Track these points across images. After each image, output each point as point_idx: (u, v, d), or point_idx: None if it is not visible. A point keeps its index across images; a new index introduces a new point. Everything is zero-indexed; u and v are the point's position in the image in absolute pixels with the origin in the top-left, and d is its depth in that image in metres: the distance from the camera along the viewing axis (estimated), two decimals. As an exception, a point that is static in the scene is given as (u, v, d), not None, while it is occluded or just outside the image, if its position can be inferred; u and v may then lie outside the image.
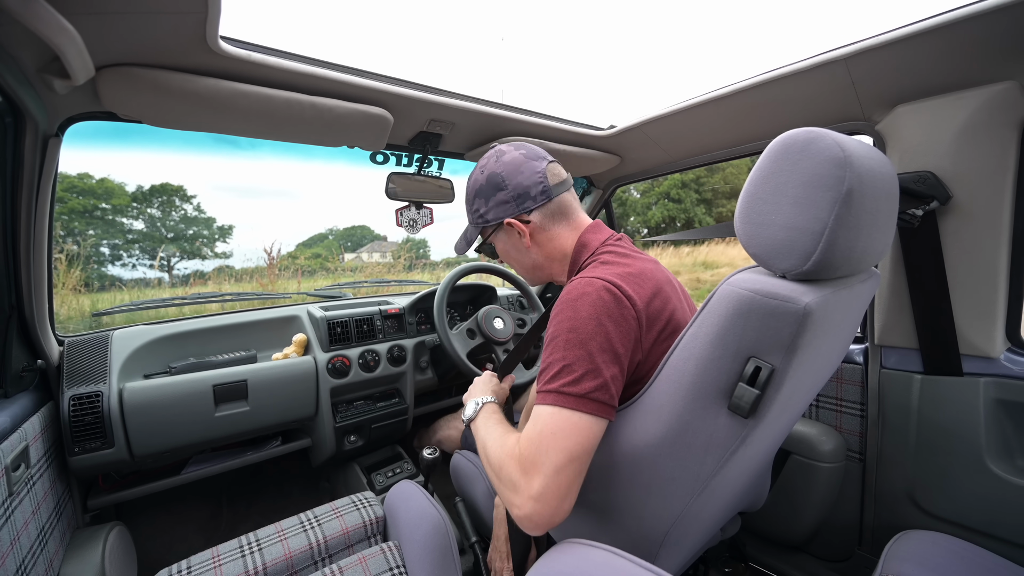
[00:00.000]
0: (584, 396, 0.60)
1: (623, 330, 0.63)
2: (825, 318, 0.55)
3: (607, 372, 0.61)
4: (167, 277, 8.65)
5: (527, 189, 0.79)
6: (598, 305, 0.63)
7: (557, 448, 0.59)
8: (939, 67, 0.87)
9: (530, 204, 0.79)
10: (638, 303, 0.65)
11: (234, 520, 1.50)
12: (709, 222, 17.48)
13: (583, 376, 0.60)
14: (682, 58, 74.83)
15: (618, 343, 0.62)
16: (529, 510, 0.59)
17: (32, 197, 0.84)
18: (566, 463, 0.58)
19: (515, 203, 0.79)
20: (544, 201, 0.79)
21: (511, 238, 0.83)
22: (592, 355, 0.61)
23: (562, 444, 0.59)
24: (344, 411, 1.37)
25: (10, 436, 0.79)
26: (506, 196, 0.79)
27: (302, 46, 1.43)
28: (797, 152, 0.54)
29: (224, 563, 0.78)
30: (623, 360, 0.63)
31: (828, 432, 1.15)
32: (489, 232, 0.85)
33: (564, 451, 0.59)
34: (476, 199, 0.83)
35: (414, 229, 1.36)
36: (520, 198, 0.79)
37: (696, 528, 0.72)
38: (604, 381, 0.61)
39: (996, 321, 0.92)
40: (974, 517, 0.95)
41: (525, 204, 0.79)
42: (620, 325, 0.63)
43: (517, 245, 0.83)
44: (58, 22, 0.57)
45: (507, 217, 0.80)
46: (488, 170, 0.81)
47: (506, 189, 0.79)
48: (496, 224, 0.82)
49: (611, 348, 0.62)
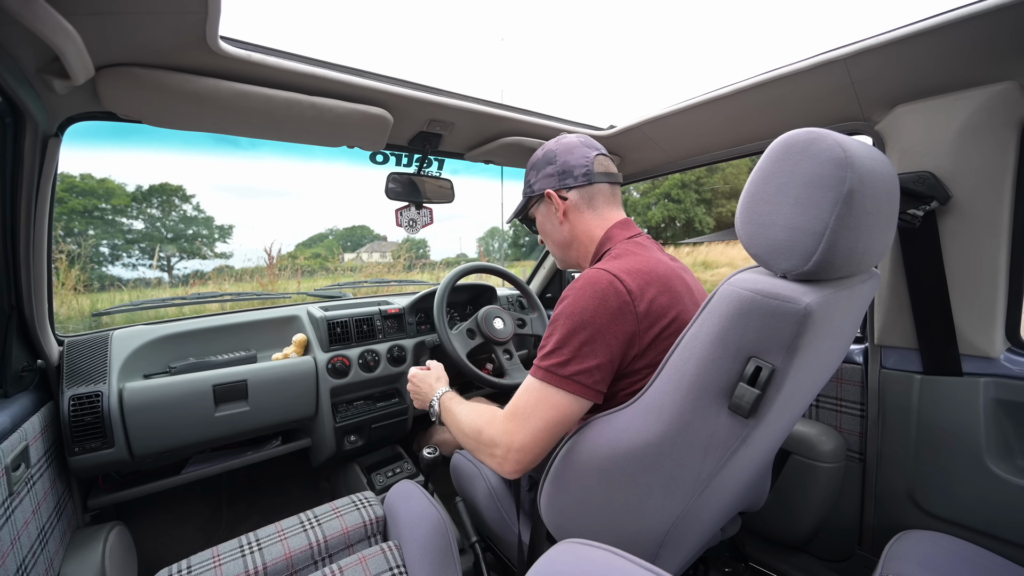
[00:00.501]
0: (568, 378, 0.67)
1: (618, 322, 0.67)
2: (826, 318, 0.55)
3: (594, 360, 0.67)
4: (167, 277, 8.65)
5: (572, 168, 0.87)
6: (598, 296, 0.68)
7: (539, 416, 0.69)
8: (939, 67, 0.87)
9: (570, 182, 0.87)
10: (638, 298, 0.68)
11: (234, 520, 1.50)
12: (709, 222, 17.49)
13: (571, 360, 0.67)
14: (682, 58, 74.78)
15: (610, 334, 0.67)
16: (511, 459, 0.71)
17: (32, 197, 0.84)
18: (544, 429, 0.69)
19: (558, 177, 0.88)
20: (584, 183, 0.87)
21: (549, 211, 0.91)
22: (583, 341, 0.67)
23: (544, 414, 0.69)
24: (344, 411, 1.37)
25: (10, 436, 0.79)
26: (553, 170, 0.89)
27: (302, 46, 1.43)
28: (798, 152, 0.54)
29: (224, 563, 0.78)
30: (613, 350, 0.68)
31: (828, 432, 1.15)
32: (533, 203, 0.94)
33: (544, 419, 0.69)
34: (530, 171, 0.93)
35: (414, 229, 1.36)
36: (563, 174, 0.88)
37: (696, 528, 0.72)
38: (589, 367, 0.67)
39: (996, 321, 0.92)
40: (974, 517, 0.95)
41: (566, 181, 0.87)
42: (616, 317, 0.67)
43: (552, 219, 0.91)
44: (58, 22, 0.57)
45: (548, 188, 0.89)
46: (547, 147, 0.91)
47: (554, 163, 0.89)
48: (539, 196, 0.91)
49: (602, 338, 0.67)
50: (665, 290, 0.72)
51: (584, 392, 0.68)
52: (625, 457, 0.66)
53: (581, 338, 0.67)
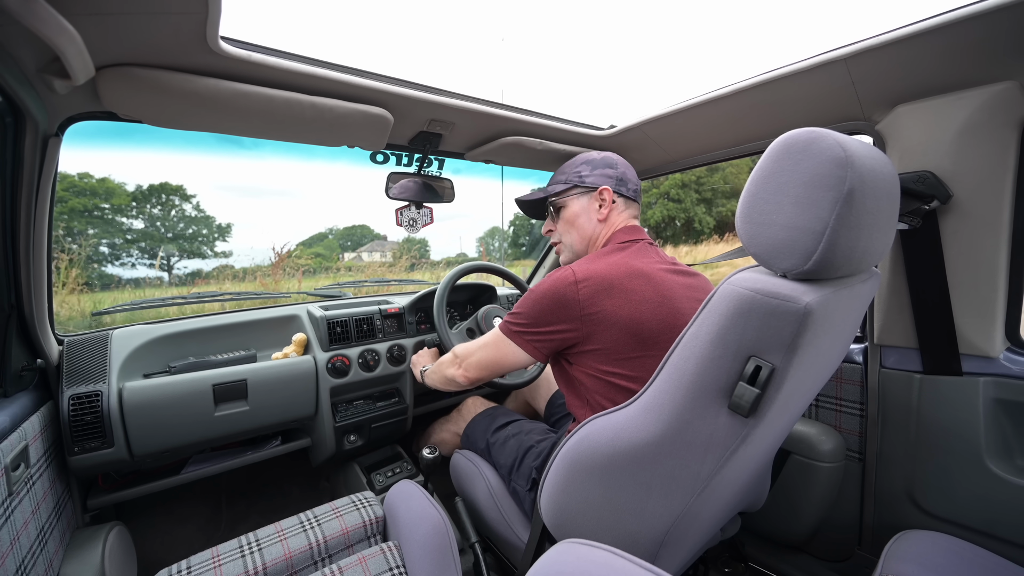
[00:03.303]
0: (515, 332, 0.89)
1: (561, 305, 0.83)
2: (826, 318, 0.55)
3: (537, 327, 0.86)
4: (167, 276, 8.64)
5: (628, 181, 1.01)
6: (555, 285, 0.84)
7: (487, 351, 0.96)
8: (939, 67, 0.87)
9: (623, 191, 0.99)
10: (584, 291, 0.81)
11: (234, 520, 1.50)
12: (709, 221, 17.49)
13: (523, 323, 0.88)
14: (682, 58, 74.81)
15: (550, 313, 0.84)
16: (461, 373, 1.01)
17: (32, 197, 0.84)
18: (486, 362, 0.96)
19: (616, 181, 0.99)
20: (631, 198, 1.01)
21: (591, 205, 1.00)
22: (532, 312, 0.87)
23: (491, 351, 0.95)
24: (344, 411, 1.36)
25: (10, 436, 0.78)
26: (613, 173, 1.00)
27: (302, 46, 1.43)
28: (799, 152, 0.54)
29: (224, 563, 0.78)
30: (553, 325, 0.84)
31: (828, 432, 1.15)
32: (573, 192, 1.02)
33: (489, 354, 0.96)
34: (583, 165, 1.02)
35: (414, 229, 1.36)
36: (621, 181, 1.00)
37: (696, 528, 0.72)
38: (534, 331, 0.87)
39: (996, 321, 0.92)
40: (974, 517, 0.95)
41: (620, 188, 0.99)
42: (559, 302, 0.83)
43: (590, 213, 1.00)
44: (58, 22, 0.57)
45: (605, 185, 0.99)
46: (607, 155, 1.02)
47: (615, 168, 1.00)
48: (587, 189, 1.00)
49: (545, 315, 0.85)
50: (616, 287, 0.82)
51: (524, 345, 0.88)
52: (625, 456, 0.66)
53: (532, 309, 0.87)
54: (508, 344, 0.90)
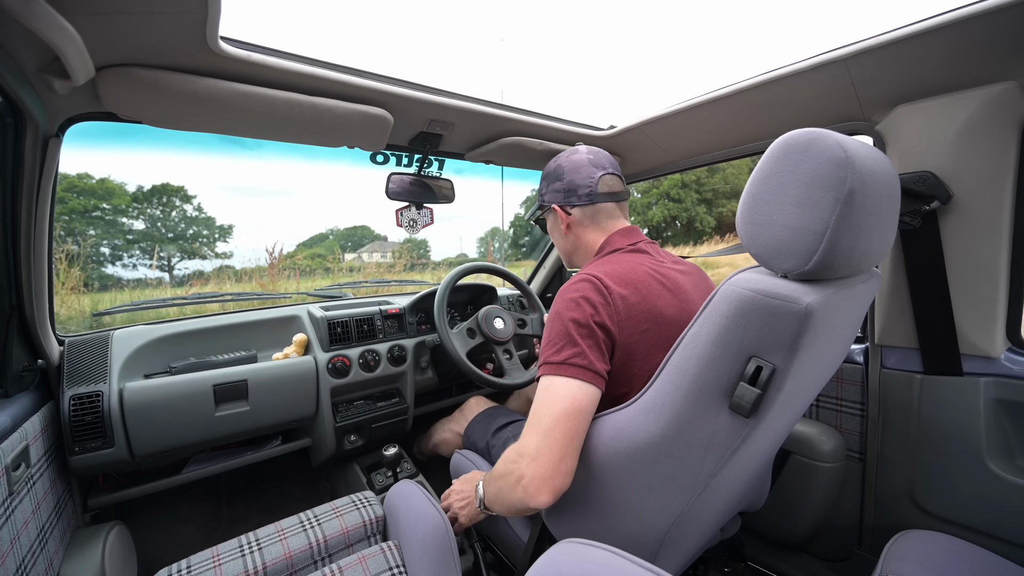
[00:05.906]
0: (563, 363, 0.70)
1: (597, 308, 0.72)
2: (826, 318, 0.55)
3: (583, 343, 0.70)
4: (167, 277, 8.65)
5: (576, 188, 0.93)
6: (579, 291, 0.75)
7: (547, 411, 0.68)
8: (939, 67, 0.87)
9: (574, 200, 0.93)
10: (614, 291, 0.74)
11: (234, 520, 1.50)
12: (710, 222, 17.50)
13: (562, 347, 0.71)
14: (682, 58, 74.82)
15: (591, 318, 0.72)
16: (530, 471, 0.67)
17: (32, 197, 0.84)
18: (554, 423, 0.67)
19: (564, 194, 0.94)
20: (586, 203, 0.92)
21: (555, 222, 0.98)
22: (568, 329, 0.72)
23: (549, 407, 0.68)
24: (344, 411, 1.37)
25: (10, 436, 0.79)
26: (559, 187, 0.95)
27: (302, 46, 1.43)
28: (799, 152, 0.54)
29: (224, 563, 0.78)
30: (597, 333, 0.72)
31: (828, 432, 1.15)
32: (544, 210, 1.01)
33: (552, 413, 0.68)
34: (543, 180, 1.00)
35: (414, 229, 1.36)
36: (568, 193, 0.94)
37: (696, 527, 0.72)
38: (580, 350, 0.70)
39: (996, 321, 0.92)
40: (974, 517, 0.95)
41: (570, 199, 0.94)
42: (595, 305, 0.73)
43: (558, 229, 0.98)
44: (58, 22, 0.57)
45: (554, 204, 0.95)
46: (559, 161, 0.97)
47: (562, 181, 0.94)
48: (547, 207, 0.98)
49: (586, 323, 0.71)
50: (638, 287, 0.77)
51: (581, 374, 0.69)
52: (625, 456, 0.66)
53: (566, 326, 0.72)
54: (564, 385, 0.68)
